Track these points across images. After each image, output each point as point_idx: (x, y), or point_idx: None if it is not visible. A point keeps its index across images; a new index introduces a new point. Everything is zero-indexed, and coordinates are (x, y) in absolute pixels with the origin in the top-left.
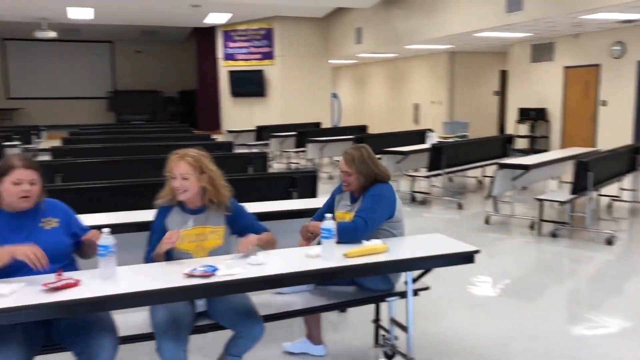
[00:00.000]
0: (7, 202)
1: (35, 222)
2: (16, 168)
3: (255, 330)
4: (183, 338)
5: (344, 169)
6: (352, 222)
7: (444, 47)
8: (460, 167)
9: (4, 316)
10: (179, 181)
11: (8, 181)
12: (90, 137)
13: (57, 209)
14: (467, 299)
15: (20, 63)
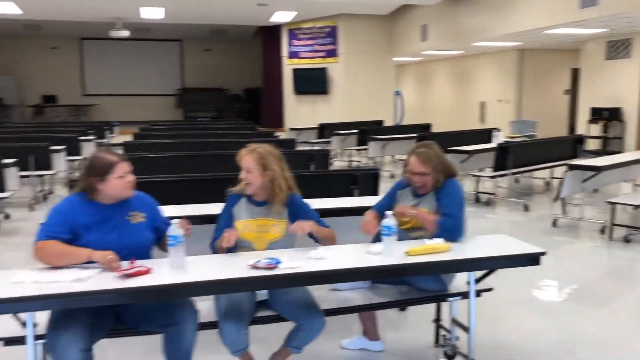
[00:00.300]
0: (110, 195)
1: (123, 214)
2: (118, 163)
3: (316, 323)
4: (244, 323)
5: (418, 170)
6: (450, 221)
7: (512, 45)
8: (528, 168)
9: (81, 299)
10: (244, 173)
11: (114, 178)
12: (159, 133)
13: (144, 202)
14: (531, 303)
15: (95, 61)
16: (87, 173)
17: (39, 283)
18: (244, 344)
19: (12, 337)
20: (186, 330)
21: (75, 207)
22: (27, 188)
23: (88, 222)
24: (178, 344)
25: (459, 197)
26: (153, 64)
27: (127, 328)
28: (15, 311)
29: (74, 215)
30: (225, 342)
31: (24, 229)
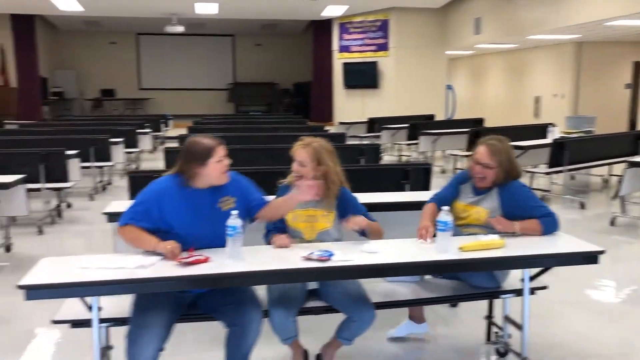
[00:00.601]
0: (208, 179)
1: (214, 201)
2: (216, 147)
3: (366, 315)
4: (292, 311)
5: (484, 160)
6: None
7: (570, 37)
8: (584, 165)
9: (142, 285)
10: (297, 166)
11: (213, 161)
12: (212, 127)
13: (235, 185)
14: (586, 303)
15: (151, 56)
16: (187, 158)
17: (103, 269)
18: (292, 332)
19: (78, 320)
20: (250, 332)
21: (168, 192)
22: (87, 178)
23: (178, 208)
24: (240, 342)
25: (530, 193)
26: (206, 59)
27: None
28: (81, 295)
29: (163, 201)
30: (275, 330)
31: (84, 217)
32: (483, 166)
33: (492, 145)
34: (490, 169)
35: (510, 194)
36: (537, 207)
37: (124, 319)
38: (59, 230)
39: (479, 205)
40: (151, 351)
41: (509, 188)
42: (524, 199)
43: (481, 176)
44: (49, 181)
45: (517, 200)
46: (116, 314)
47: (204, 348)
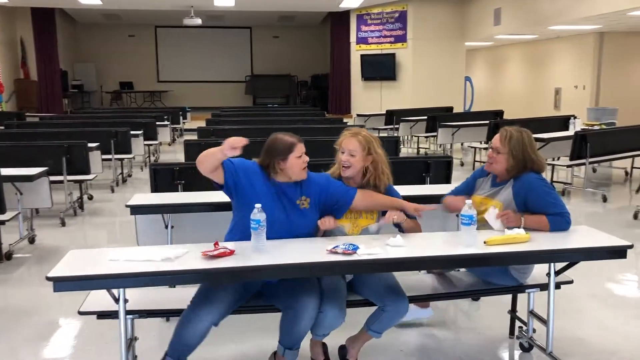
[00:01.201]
0: (288, 175)
1: (295, 198)
2: (297, 143)
3: (401, 306)
4: (342, 312)
5: (496, 145)
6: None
7: (591, 28)
8: (607, 157)
9: (168, 278)
10: (347, 156)
11: (293, 157)
12: (230, 119)
13: (312, 186)
14: (610, 297)
15: (169, 48)
16: (270, 153)
17: (131, 261)
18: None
19: (105, 311)
20: (302, 318)
21: (257, 173)
22: (107, 170)
23: (261, 189)
24: (292, 327)
25: (550, 189)
26: (224, 51)
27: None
28: (108, 287)
29: (251, 177)
30: (323, 323)
31: (105, 209)
32: (494, 151)
33: (505, 131)
34: (498, 154)
35: (523, 187)
36: (551, 203)
37: (150, 310)
38: (81, 222)
39: (495, 199)
40: (206, 322)
41: (524, 180)
42: (537, 193)
43: (490, 161)
44: (71, 173)
45: (530, 193)
46: (142, 306)
47: (247, 337)
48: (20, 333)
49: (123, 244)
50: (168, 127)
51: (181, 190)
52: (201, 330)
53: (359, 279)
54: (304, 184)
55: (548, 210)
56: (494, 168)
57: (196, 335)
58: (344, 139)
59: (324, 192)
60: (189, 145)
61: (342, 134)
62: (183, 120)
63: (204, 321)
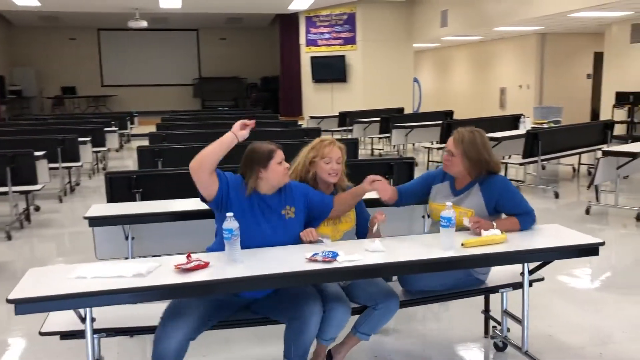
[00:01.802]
0: (270, 183)
1: (280, 208)
2: (276, 150)
3: (392, 304)
4: (349, 308)
5: (449, 147)
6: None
7: (534, 29)
8: (557, 154)
9: (140, 295)
10: (335, 165)
11: (274, 163)
12: (181, 123)
13: (294, 193)
14: (568, 292)
15: (113, 52)
16: (249, 164)
17: (99, 278)
18: (341, 330)
19: (69, 331)
20: (309, 326)
21: (239, 184)
22: (55, 180)
23: (244, 203)
24: (299, 337)
25: (513, 190)
26: (170, 54)
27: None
28: (76, 307)
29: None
30: (331, 326)
31: (54, 220)
32: (448, 154)
33: (458, 133)
34: (452, 157)
35: (494, 190)
36: (520, 204)
37: (118, 329)
38: (28, 235)
39: (462, 206)
40: (176, 339)
41: (492, 183)
42: (508, 196)
43: (446, 164)
44: (16, 184)
45: (502, 196)
46: (108, 324)
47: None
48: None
49: (75, 257)
50: (116, 133)
51: (139, 200)
52: (174, 347)
53: (352, 284)
54: (286, 194)
55: (518, 210)
56: (451, 170)
57: (170, 352)
58: (326, 148)
59: (307, 200)
60: (141, 151)
61: (316, 144)
62: (131, 126)
63: (173, 337)
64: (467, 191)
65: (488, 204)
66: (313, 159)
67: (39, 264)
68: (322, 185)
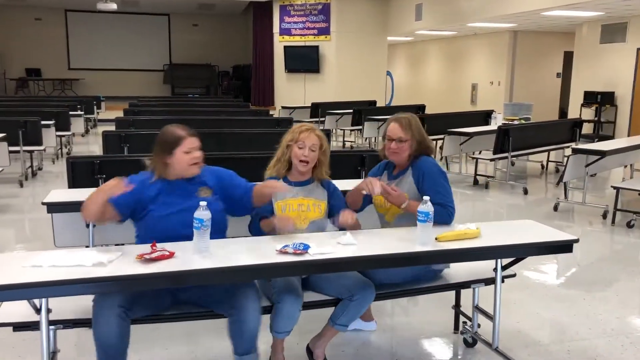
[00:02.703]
0: (176, 171)
1: (192, 190)
2: (185, 137)
3: (369, 292)
4: (300, 299)
5: (398, 134)
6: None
7: (506, 26)
8: (526, 151)
9: (99, 285)
10: (308, 151)
11: (180, 151)
12: (149, 109)
13: (212, 176)
14: (536, 288)
15: (81, 34)
16: (157, 148)
17: (56, 267)
18: (293, 324)
19: (23, 322)
20: (249, 316)
21: (143, 183)
22: (16, 163)
23: (155, 195)
24: (242, 328)
25: (443, 178)
26: (140, 39)
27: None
28: (30, 297)
29: (139, 191)
30: (279, 319)
31: (13, 206)
32: (397, 141)
33: (403, 119)
34: (404, 143)
35: (421, 170)
36: (439, 193)
37: (76, 320)
38: None
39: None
40: (116, 312)
41: (421, 165)
42: (432, 178)
43: (396, 152)
44: None
45: (426, 177)
46: (65, 315)
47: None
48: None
49: (34, 244)
50: (82, 117)
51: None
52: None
53: (320, 276)
54: (202, 176)
55: (434, 198)
56: (400, 157)
57: (112, 333)
58: (302, 134)
59: (222, 183)
60: (107, 136)
61: (295, 128)
62: (97, 110)
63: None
64: (402, 176)
65: (417, 185)
66: (289, 142)
67: None
68: (295, 171)
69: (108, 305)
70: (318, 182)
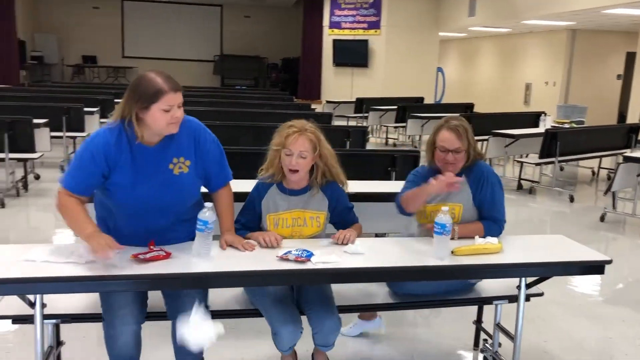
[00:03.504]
0: (151, 130)
1: (165, 160)
2: (166, 93)
3: (327, 325)
4: (299, 320)
5: (454, 145)
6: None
7: (564, 24)
8: (575, 156)
9: (91, 284)
10: (296, 159)
11: (157, 108)
12: (195, 100)
13: (190, 140)
14: (572, 304)
15: (135, 23)
16: (130, 96)
17: (50, 263)
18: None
19: (21, 315)
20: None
21: (107, 151)
22: (59, 148)
23: (121, 162)
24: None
25: (502, 189)
26: (193, 29)
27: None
28: (20, 293)
29: (103, 163)
30: (280, 345)
31: (53, 190)
32: (454, 152)
33: (459, 126)
34: (459, 153)
35: (481, 178)
36: (496, 206)
37: (76, 315)
38: (24, 204)
39: (449, 202)
40: (131, 325)
41: (479, 172)
42: (491, 189)
43: (452, 162)
44: (14, 151)
45: (486, 187)
46: (66, 309)
47: None
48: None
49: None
50: None
51: None
52: (130, 338)
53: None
54: (176, 140)
55: (491, 211)
56: (457, 169)
57: (129, 344)
58: (289, 138)
59: (204, 162)
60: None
61: (283, 129)
62: None
63: (126, 327)
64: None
65: (475, 194)
66: (276, 147)
67: (31, 233)
68: (289, 180)
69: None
70: (317, 188)
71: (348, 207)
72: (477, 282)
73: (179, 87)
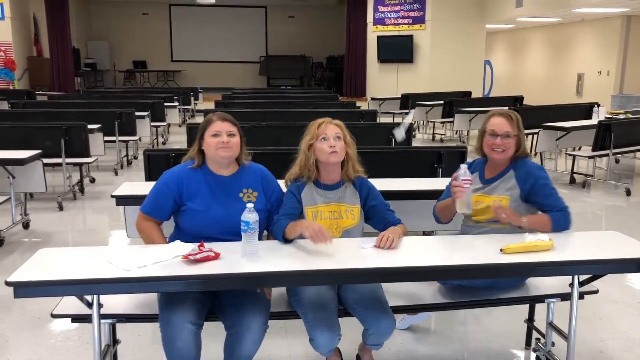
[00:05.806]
0: (210, 156)
1: (236, 190)
2: (213, 121)
3: (383, 325)
4: (336, 326)
5: (505, 129)
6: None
7: (618, 11)
8: (632, 148)
9: (145, 285)
10: (333, 140)
11: (208, 134)
12: (241, 101)
13: (258, 178)
14: (631, 302)
15: (183, 27)
16: (197, 135)
17: (108, 265)
18: (334, 344)
19: (79, 315)
20: (245, 340)
21: (179, 179)
22: (113, 152)
23: (195, 189)
24: (234, 349)
25: (550, 181)
26: (238, 31)
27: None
28: (78, 293)
29: (175, 189)
30: (318, 349)
31: (107, 193)
32: (503, 137)
33: (510, 113)
34: (510, 139)
35: (527, 175)
36: (554, 197)
37: (131, 315)
38: (81, 206)
39: (494, 194)
40: (189, 327)
41: (526, 168)
42: (543, 182)
43: (502, 149)
44: (70, 156)
45: (538, 181)
46: (122, 309)
47: None
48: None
49: (123, 230)
50: (177, 108)
51: None
52: (188, 340)
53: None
54: (245, 175)
55: (551, 204)
56: (506, 155)
57: (189, 347)
58: (321, 126)
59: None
60: (191, 129)
61: (309, 127)
62: (195, 101)
63: (184, 329)
64: (502, 178)
65: (522, 190)
66: (310, 143)
67: (89, 235)
68: (325, 176)
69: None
70: (349, 182)
71: (383, 204)
72: (528, 277)
73: (227, 118)
